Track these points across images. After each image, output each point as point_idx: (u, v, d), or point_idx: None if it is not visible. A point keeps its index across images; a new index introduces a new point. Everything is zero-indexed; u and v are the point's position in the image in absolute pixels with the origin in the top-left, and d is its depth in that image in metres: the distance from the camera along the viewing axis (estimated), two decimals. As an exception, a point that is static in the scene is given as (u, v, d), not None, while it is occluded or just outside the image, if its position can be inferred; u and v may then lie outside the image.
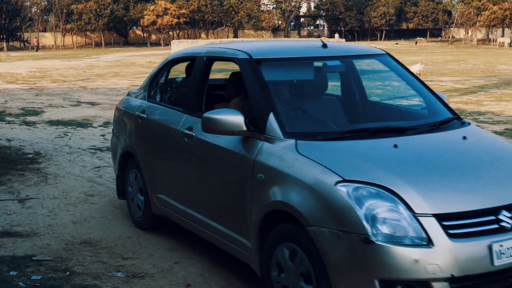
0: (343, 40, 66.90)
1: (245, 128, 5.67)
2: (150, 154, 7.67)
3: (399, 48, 79.75)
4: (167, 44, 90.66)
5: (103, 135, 15.14)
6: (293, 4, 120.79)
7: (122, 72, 39.79)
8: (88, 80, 32.87)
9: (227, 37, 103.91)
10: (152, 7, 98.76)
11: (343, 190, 4.75)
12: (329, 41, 6.76)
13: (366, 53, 7.11)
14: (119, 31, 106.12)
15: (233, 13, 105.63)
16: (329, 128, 6.18)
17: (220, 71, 13.81)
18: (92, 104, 22.02)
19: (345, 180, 4.81)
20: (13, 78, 34.56)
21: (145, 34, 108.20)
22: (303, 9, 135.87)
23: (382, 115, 7.16)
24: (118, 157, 8.55)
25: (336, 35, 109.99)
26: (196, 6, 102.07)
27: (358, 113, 7.22)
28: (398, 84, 9.92)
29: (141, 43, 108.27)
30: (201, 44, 57.32)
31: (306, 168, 5.10)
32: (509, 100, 22.42)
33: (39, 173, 10.97)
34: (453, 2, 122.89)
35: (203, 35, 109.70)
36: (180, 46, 58.38)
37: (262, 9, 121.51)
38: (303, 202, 4.97)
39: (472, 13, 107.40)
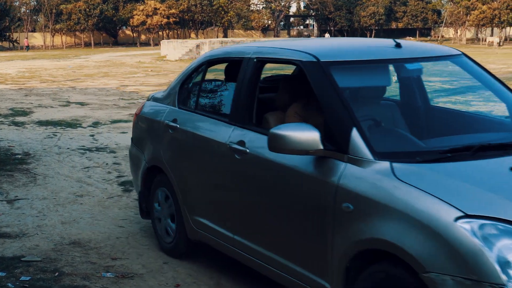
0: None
1: (321, 147, 4.70)
2: (186, 170, 6.68)
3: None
4: (157, 44, 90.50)
5: (92, 135, 15.11)
6: (282, 3, 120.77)
7: (111, 72, 39.73)
8: (78, 80, 32.81)
9: (217, 37, 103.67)
10: (141, 7, 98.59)
11: (466, 227, 3.89)
12: (402, 40, 5.96)
13: (443, 54, 6.11)
14: (109, 31, 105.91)
15: (222, 13, 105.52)
16: (420, 146, 5.17)
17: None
18: (82, 104, 21.98)
19: (467, 216, 3.94)
20: (2, 79, 34.43)
21: (134, 34, 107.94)
22: (293, 9, 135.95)
23: (464, 126, 6.21)
24: (142, 172, 7.52)
25: (327, 34, 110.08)
26: (185, 6, 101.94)
27: (434, 123, 6.30)
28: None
29: (130, 43, 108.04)
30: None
31: (412, 199, 4.19)
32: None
33: (28, 173, 10.94)
34: (442, 1, 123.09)
35: (192, 35, 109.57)
36: (169, 46, 58.29)
37: (252, 9, 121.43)
38: (413, 242, 4.08)
39: (461, 12, 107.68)
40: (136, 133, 8.07)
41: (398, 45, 5.68)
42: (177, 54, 55.82)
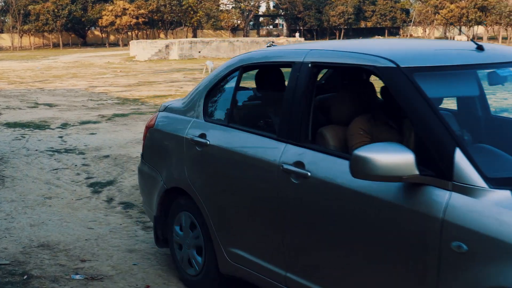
0: (302, 39, 67.19)
1: (417, 172, 3.87)
2: (220, 194, 5.75)
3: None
4: (126, 44, 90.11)
5: (61, 137, 15.02)
6: (252, 3, 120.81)
7: (80, 73, 39.54)
8: (46, 82, 32.59)
9: (186, 37, 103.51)
10: (110, 8, 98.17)
11: None
12: (481, 42, 5.01)
13: None
14: (77, 31, 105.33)
15: (192, 13, 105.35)
16: None
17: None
18: (50, 105, 21.83)
19: None
20: (-31, 80, 34.17)
21: (103, 35, 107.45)
22: (262, 9, 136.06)
23: None
24: (159, 194, 6.55)
25: (297, 34, 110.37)
26: (154, 6, 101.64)
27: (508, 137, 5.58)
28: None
29: (99, 43, 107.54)
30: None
31: None
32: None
33: (-4, 176, 10.85)
34: (410, 0, 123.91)
35: (162, 35, 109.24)
36: (139, 46, 58.15)
37: (221, 8, 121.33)
38: None
39: (430, 11, 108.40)
40: (149, 149, 6.99)
41: (480, 48, 4.80)
42: (147, 54, 55.71)
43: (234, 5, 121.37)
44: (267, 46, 46.27)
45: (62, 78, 35.30)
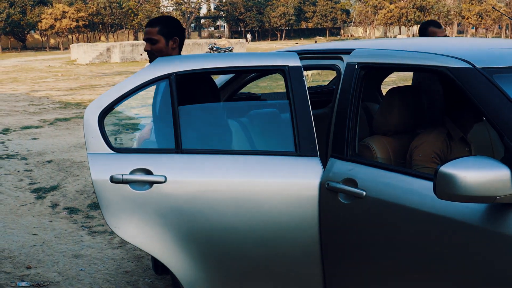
0: (245, 41, 67.44)
1: None
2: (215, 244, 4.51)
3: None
4: (67, 48, 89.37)
5: (2, 143, 14.79)
6: (192, 5, 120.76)
7: (20, 77, 39.02)
8: (-15, 87, 32.12)
9: (127, 39, 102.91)
10: (50, 11, 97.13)
11: None
12: None
13: None
14: (17, 35, 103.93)
15: (132, 15, 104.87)
16: None
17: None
18: (-10, 111, 21.52)
19: None
20: None
21: (43, 38, 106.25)
22: (203, 10, 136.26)
23: None
24: None
25: (249, 35, 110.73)
26: (95, 9, 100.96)
27: None
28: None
29: (39, 47, 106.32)
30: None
31: None
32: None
33: None
34: (350, 1, 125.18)
35: (102, 38, 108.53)
36: (79, 50, 57.62)
37: (162, 11, 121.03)
38: None
39: (370, 11, 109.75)
40: None
41: None
42: (88, 57, 55.27)
43: (174, 7, 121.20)
44: (209, 48, 45.97)
45: (2, 82, 34.80)
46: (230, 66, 4.60)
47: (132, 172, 4.27)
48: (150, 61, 5.14)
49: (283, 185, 4.20)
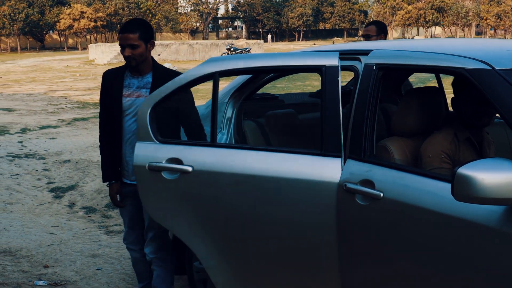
0: (262, 41, 67.27)
1: None
2: (236, 235, 4.72)
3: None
4: (85, 48, 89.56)
5: (20, 142, 14.88)
6: (210, 6, 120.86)
7: (39, 77, 39.16)
8: (4, 86, 32.22)
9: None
10: (68, 11, 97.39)
11: None
12: None
13: None
14: (35, 35, 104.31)
15: (150, 15, 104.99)
16: None
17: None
18: (9, 110, 21.60)
19: None
20: None
21: (62, 38, 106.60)
22: (221, 11, 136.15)
23: None
24: None
25: (269, 36, 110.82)
26: (113, 9, 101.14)
27: None
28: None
29: (58, 47, 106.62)
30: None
31: None
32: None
33: (-45, 182, 10.73)
34: (369, 2, 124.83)
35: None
36: (97, 50, 57.74)
37: (180, 11, 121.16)
38: None
39: (388, 12, 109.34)
40: None
41: None
42: (106, 58, 55.35)
43: (192, 7, 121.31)
44: (227, 49, 46.02)
45: (20, 82, 34.94)
46: (269, 65, 4.71)
47: (166, 161, 4.74)
48: (129, 66, 5.20)
49: (303, 184, 4.22)
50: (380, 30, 7.33)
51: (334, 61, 4.33)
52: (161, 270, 5.48)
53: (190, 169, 4.63)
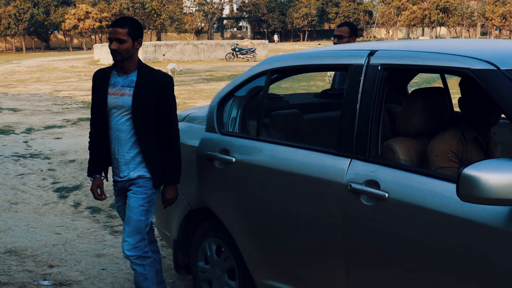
0: (267, 42, 67.26)
1: None
2: (258, 218, 4.96)
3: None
4: (90, 48, 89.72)
5: (25, 142, 14.90)
6: (215, 6, 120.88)
7: (44, 77, 39.20)
8: (9, 86, 32.26)
9: (150, 40, 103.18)
10: (73, 11, 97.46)
11: None
12: None
13: None
14: (40, 35, 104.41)
15: (155, 16, 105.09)
16: None
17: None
18: (14, 110, 21.64)
19: None
20: None
21: (67, 38, 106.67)
22: (226, 11, 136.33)
23: None
24: (181, 216, 5.89)
25: (276, 36, 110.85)
26: (118, 9, 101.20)
27: None
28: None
29: (63, 47, 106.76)
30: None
31: None
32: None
33: (-39, 182, 10.75)
34: (373, 2, 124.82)
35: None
36: (102, 50, 57.74)
37: (185, 11, 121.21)
38: None
39: (393, 13, 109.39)
40: None
41: None
42: (111, 58, 55.16)
43: (197, 8, 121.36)
44: (232, 49, 45.95)
45: (25, 82, 34.98)
46: (314, 64, 4.97)
47: (219, 152, 5.26)
48: (114, 59, 5.25)
49: (316, 182, 4.35)
50: (352, 32, 7.72)
51: (359, 60, 4.38)
52: (141, 269, 5.32)
53: (233, 159, 5.11)
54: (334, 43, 7.65)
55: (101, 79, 5.40)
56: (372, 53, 4.36)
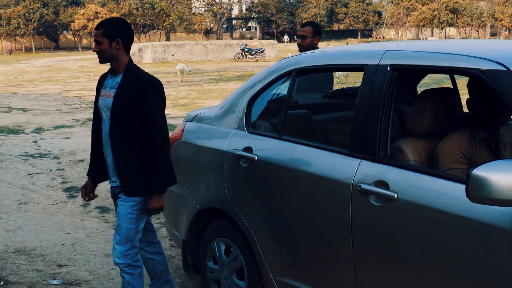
0: (276, 41, 67.24)
1: None
2: (272, 217, 4.96)
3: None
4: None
5: (35, 142, 14.94)
6: (224, 6, 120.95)
7: (53, 77, 39.30)
8: (19, 86, 32.36)
9: (159, 40, 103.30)
10: (82, 11, 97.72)
11: None
12: None
13: None
14: (50, 35, 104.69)
15: (164, 16, 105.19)
16: None
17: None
18: (23, 110, 21.69)
19: None
20: None
21: (76, 38, 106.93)
22: (235, 11, 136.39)
23: None
24: (190, 216, 5.83)
25: (286, 36, 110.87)
26: (127, 9, 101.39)
27: None
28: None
29: (72, 47, 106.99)
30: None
31: None
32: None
33: (-30, 181, 10.78)
34: (383, 3, 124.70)
35: (135, 39, 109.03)
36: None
37: (194, 12, 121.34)
38: None
39: (402, 13, 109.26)
40: (176, 165, 5.50)
41: None
42: (120, 58, 55.48)
43: (206, 8, 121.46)
44: (241, 49, 45.94)
45: (35, 82, 35.07)
46: (333, 64, 4.96)
47: (242, 149, 5.19)
48: (100, 61, 5.17)
49: (328, 181, 4.36)
50: (315, 31, 7.72)
51: (374, 61, 4.39)
52: (129, 277, 5.26)
53: (255, 158, 5.05)
54: (298, 44, 7.75)
55: (100, 81, 5.38)
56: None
